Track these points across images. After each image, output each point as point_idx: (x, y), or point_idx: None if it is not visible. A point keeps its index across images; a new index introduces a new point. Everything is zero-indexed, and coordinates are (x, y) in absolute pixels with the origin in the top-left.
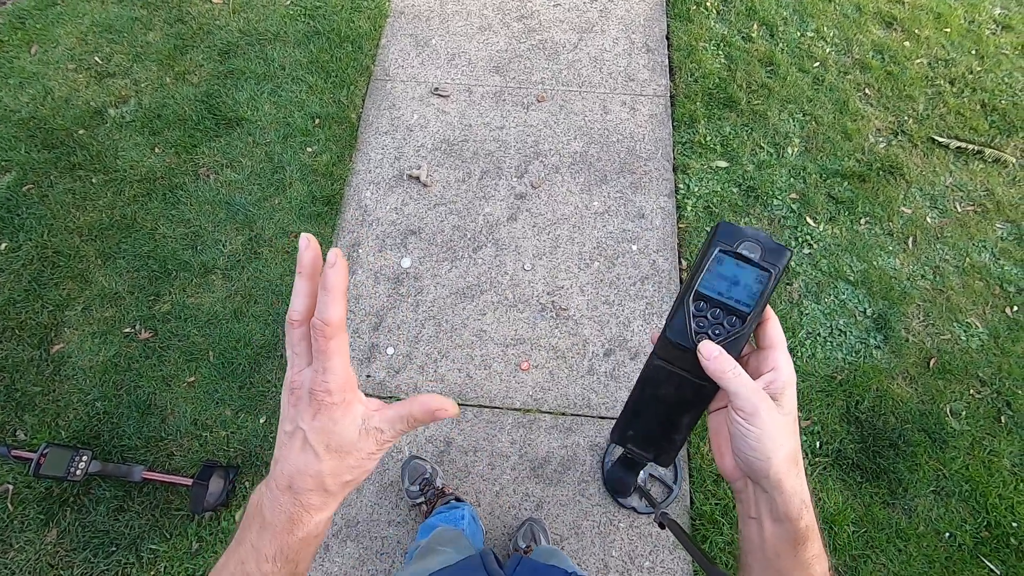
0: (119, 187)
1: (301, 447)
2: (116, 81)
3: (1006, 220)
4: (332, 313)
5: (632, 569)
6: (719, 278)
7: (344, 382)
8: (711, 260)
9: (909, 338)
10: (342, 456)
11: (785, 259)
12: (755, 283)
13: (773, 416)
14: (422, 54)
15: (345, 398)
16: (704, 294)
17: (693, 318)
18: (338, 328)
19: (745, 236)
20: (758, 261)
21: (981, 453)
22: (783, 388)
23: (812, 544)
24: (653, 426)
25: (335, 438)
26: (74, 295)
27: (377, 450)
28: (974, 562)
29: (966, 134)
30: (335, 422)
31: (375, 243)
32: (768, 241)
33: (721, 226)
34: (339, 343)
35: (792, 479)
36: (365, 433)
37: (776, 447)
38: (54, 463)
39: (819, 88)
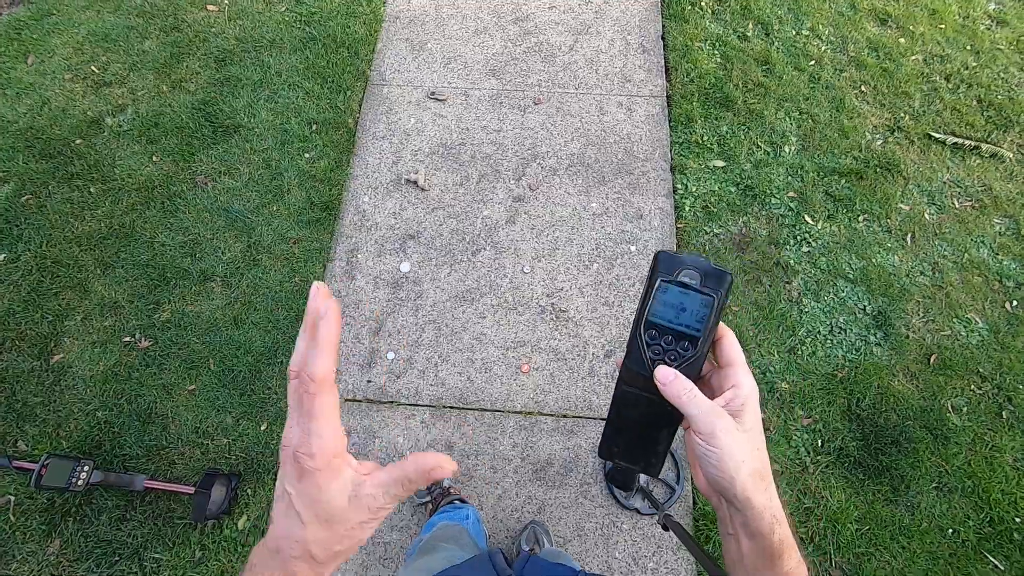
0: (117, 196)
1: (285, 511)
2: (113, 90)
3: (1004, 215)
4: (318, 366)
5: (636, 570)
6: (666, 306)
7: (331, 446)
8: (656, 290)
9: (909, 335)
10: (330, 526)
11: (726, 283)
12: (701, 307)
13: (732, 435)
14: (418, 58)
15: (331, 463)
16: (654, 323)
17: (648, 347)
18: (324, 384)
19: (684, 264)
20: (699, 287)
21: (983, 449)
22: (743, 404)
23: (788, 558)
24: (634, 443)
25: (321, 507)
26: (73, 305)
27: (369, 519)
28: (978, 558)
29: (963, 130)
30: (320, 489)
31: (374, 248)
32: (707, 266)
33: (660, 256)
34: (325, 402)
35: (760, 495)
36: (356, 501)
37: (738, 465)
38: (56, 474)
39: (815, 86)
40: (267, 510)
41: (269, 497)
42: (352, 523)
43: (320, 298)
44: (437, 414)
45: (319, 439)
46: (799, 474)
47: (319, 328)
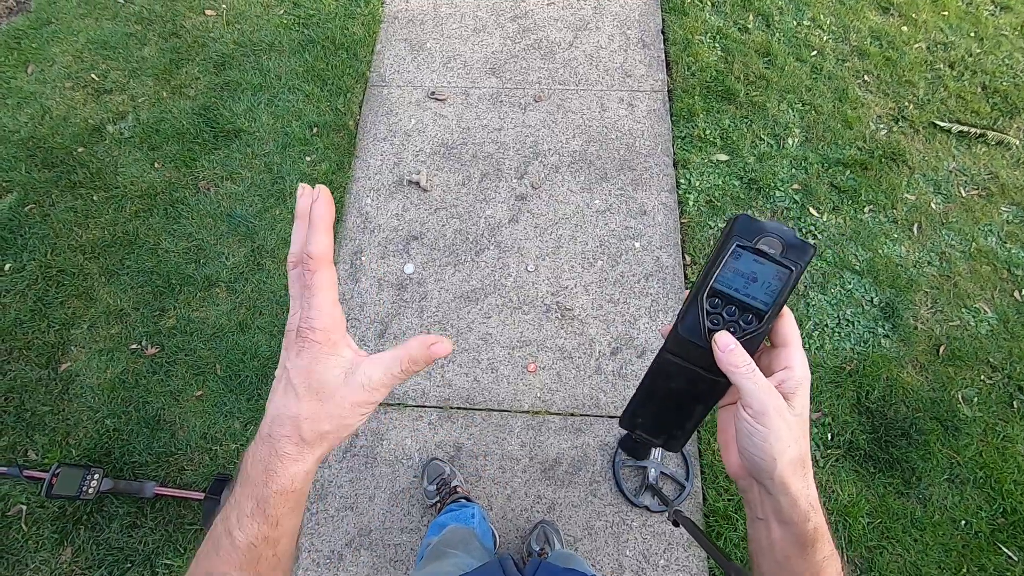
0: (120, 203)
1: (284, 389)
2: (113, 97)
3: (1011, 203)
4: (315, 245)
5: (647, 568)
6: (736, 274)
7: (329, 320)
8: (728, 255)
9: (918, 326)
10: (322, 400)
11: (808, 256)
12: (774, 280)
13: (783, 416)
14: (417, 58)
15: (330, 338)
16: (719, 290)
17: (707, 315)
18: (321, 261)
19: (765, 231)
20: (779, 258)
21: (995, 439)
22: (796, 388)
23: (822, 546)
24: (663, 414)
25: (315, 376)
26: (80, 313)
27: (363, 402)
28: (991, 549)
29: (968, 117)
30: (317, 360)
31: (377, 250)
32: (791, 236)
33: (740, 220)
34: (323, 277)
35: (798, 481)
36: (351, 378)
37: (783, 448)
38: (66, 483)
39: (817, 77)
40: None
41: None
42: (345, 401)
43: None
44: (444, 415)
45: (319, 312)
46: None
47: (313, 210)
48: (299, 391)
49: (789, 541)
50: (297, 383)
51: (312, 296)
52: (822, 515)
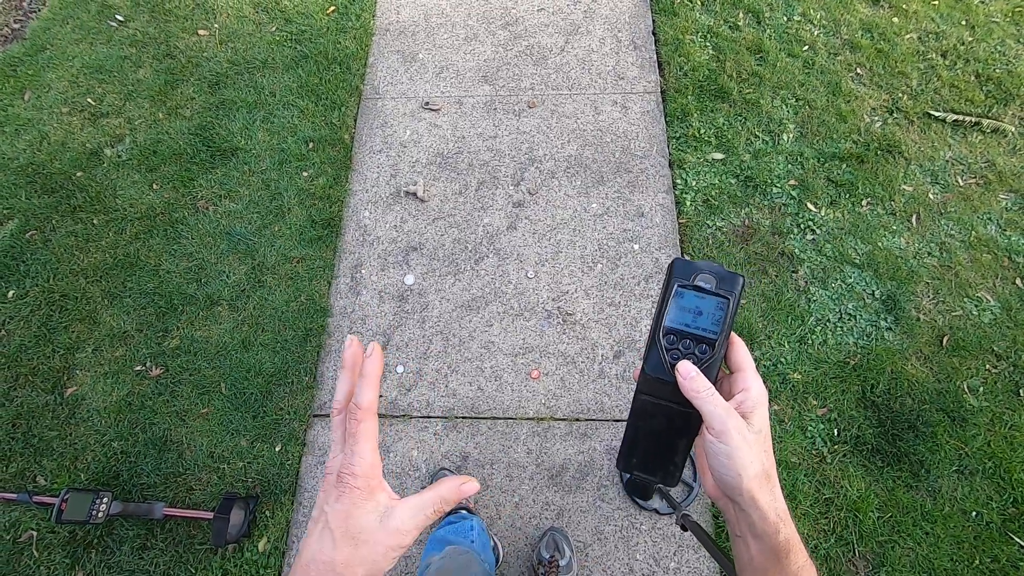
0: (120, 226)
1: (320, 533)
2: (110, 120)
3: (1010, 190)
4: (363, 397)
5: (658, 571)
6: (683, 311)
7: (370, 467)
8: (672, 295)
9: (920, 317)
10: (357, 545)
11: (739, 285)
12: (717, 310)
13: (743, 434)
14: (410, 69)
15: (370, 484)
16: (672, 328)
17: (666, 351)
18: (368, 412)
19: (699, 269)
20: (715, 290)
21: (1002, 429)
22: (753, 407)
23: (796, 556)
24: (652, 454)
25: (353, 523)
26: (84, 337)
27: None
28: (1003, 540)
29: (962, 106)
30: (356, 506)
31: (377, 262)
32: (721, 271)
33: (675, 263)
34: (368, 427)
35: (765, 495)
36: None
37: (747, 464)
38: (76, 508)
39: (810, 72)
40: (287, 531)
41: (288, 518)
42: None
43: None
44: (450, 425)
45: (361, 459)
46: (817, 465)
47: (365, 365)
48: (336, 536)
49: (764, 554)
50: (335, 527)
51: (355, 443)
52: (792, 526)
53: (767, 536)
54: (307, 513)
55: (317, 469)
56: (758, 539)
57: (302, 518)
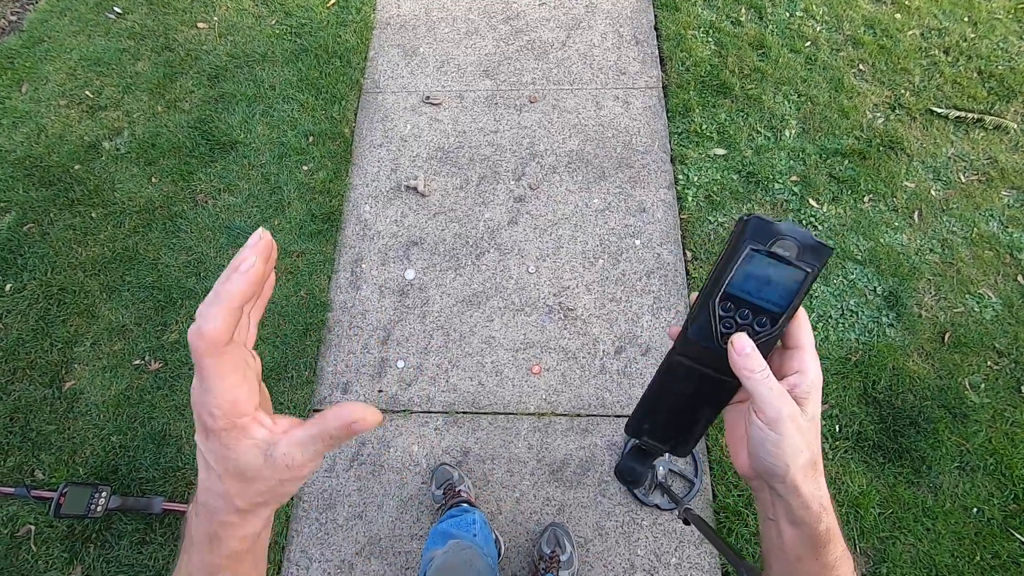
0: (119, 220)
1: (205, 468)
2: (108, 113)
3: (1012, 187)
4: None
5: (659, 567)
6: (750, 278)
7: (230, 404)
8: (742, 258)
9: (922, 314)
10: (246, 481)
11: (825, 257)
12: (789, 283)
13: (796, 422)
14: (411, 63)
15: (236, 423)
16: (732, 294)
17: (720, 320)
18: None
19: (780, 233)
20: (795, 260)
21: (1004, 425)
22: (809, 391)
23: (834, 547)
24: (671, 419)
25: (231, 464)
26: (82, 331)
27: (291, 477)
28: (1004, 536)
29: (965, 103)
30: (228, 447)
31: (377, 257)
32: (807, 237)
33: (751, 221)
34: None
35: (810, 484)
36: (271, 461)
37: (796, 454)
38: (74, 502)
39: (812, 68)
40: (287, 526)
41: (287, 512)
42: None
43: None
44: (450, 420)
45: (214, 398)
46: None
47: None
48: (219, 473)
49: (801, 542)
50: (215, 466)
51: (206, 379)
52: (834, 516)
53: (807, 525)
54: (306, 508)
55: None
56: (795, 526)
57: (301, 513)
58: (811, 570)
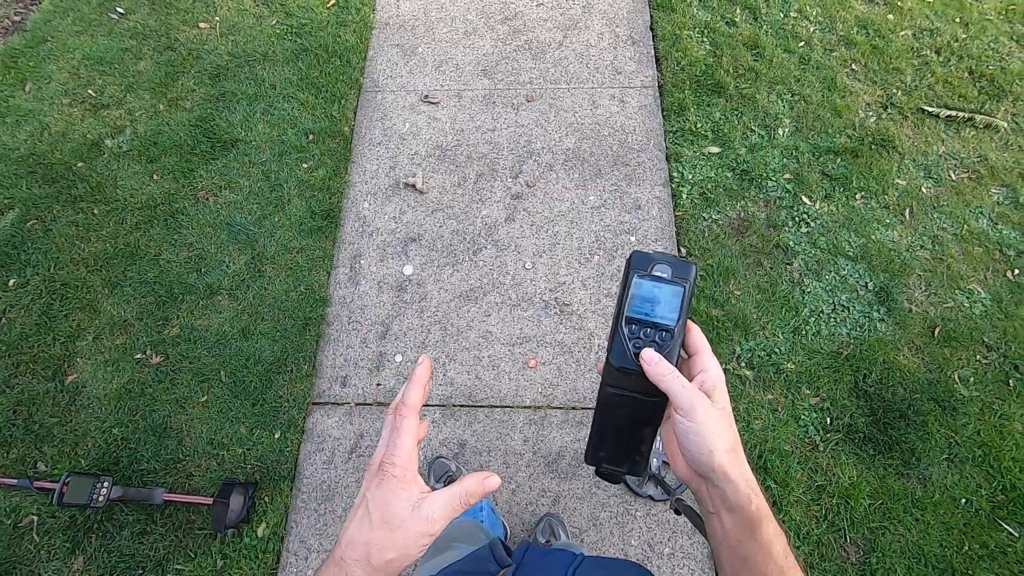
0: (121, 216)
1: (360, 516)
2: (111, 112)
3: (1001, 184)
4: (410, 395)
5: (653, 556)
6: (642, 301)
7: (408, 459)
8: (632, 286)
9: (912, 309)
10: (391, 529)
11: (693, 272)
12: (673, 298)
13: (709, 411)
14: (410, 63)
15: (406, 475)
16: (633, 317)
17: (629, 340)
18: (411, 410)
19: (655, 260)
20: (670, 279)
21: (992, 418)
22: (714, 385)
23: (767, 525)
24: (620, 444)
25: (389, 509)
26: (84, 325)
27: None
28: (992, 526)
29: (955, 102)
30: (393, 493)
31: (376, 253)
32: (675, 260)
33: (634, 256)
34: (409, 424)
35: (736, 468)
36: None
37: (716, 439)
38: (76, 491)
39: (806, 67)
40: (285, 517)
41: (286, 504)
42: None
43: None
44: (448, 413)
45: (401, 452)
46: (809, 453)
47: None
48: (373, 520)
49: (738, 526)
50: (373, 512)
51: (398, 436)
52: (762, 497)
53: (740, 508)
54: (305, 499)
55: (315, 456)
56: (732, 512)
57: (300, 504)
58: (750, 551)
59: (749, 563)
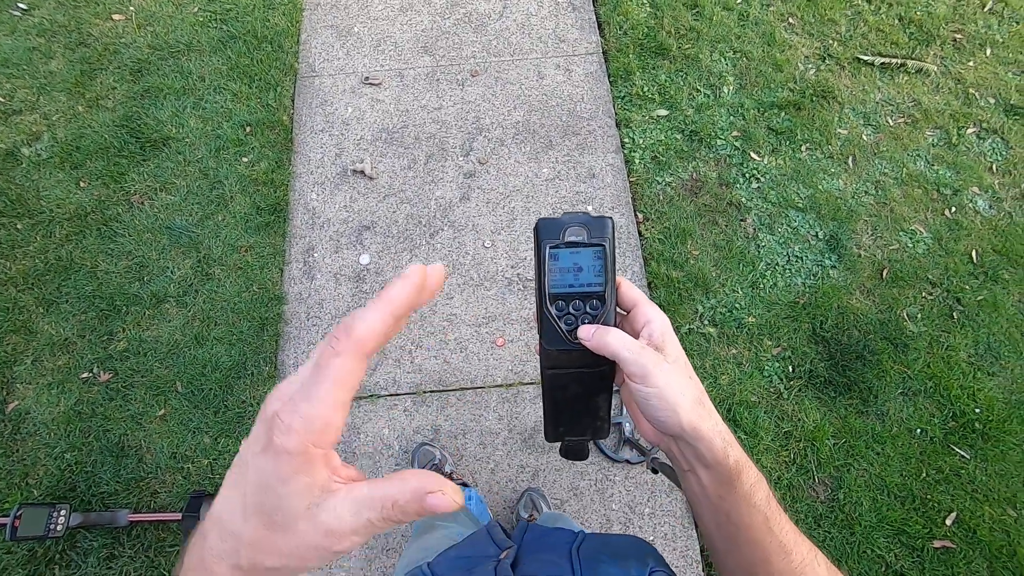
0: (48, 229)
1: (234, 486)
2: (24, 118)
3: (935, 127)
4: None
5: (634, 518)
6: (563, 272)
7: (320, 425)
8: (548, 260)
9: (861, 253)
10: (272, 529)
11: (609, 227)
12: (595, 260)
13: (663, 369)
14: (346, 44)
15: (309, 451)
16: (557, 294)
17: (560, 319)
18: (354, 345)
19: (565, 224)
20: (588, 241)
21: (939, 350)
22: (662, 336)
23: (747, 474)
24: (577, 416)
25: (271, 498)
26: (20, 349)
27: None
28: (946, 452)
29: (888, 49)
30: (280, 476)
31: (330, 244)
32: (587, 219)
33: (540, 224)
34: (343, 367)
35: (706, 422)
36: (315, 511)
37: (678, 397)
38: (31, 523)
39: (745, 24)
40: None
41: None
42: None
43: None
44: (419, 400)
45: (311, 407)
46: (775, 401)
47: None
48: (248, 504)
49: (717, 481)
50: (249, 493)
51: (316, 383)
52: (738, 446)
53: (718, 463)
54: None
55: None
56: (709, 469)
57: None
58: (732, 505)
59: (732, 516)
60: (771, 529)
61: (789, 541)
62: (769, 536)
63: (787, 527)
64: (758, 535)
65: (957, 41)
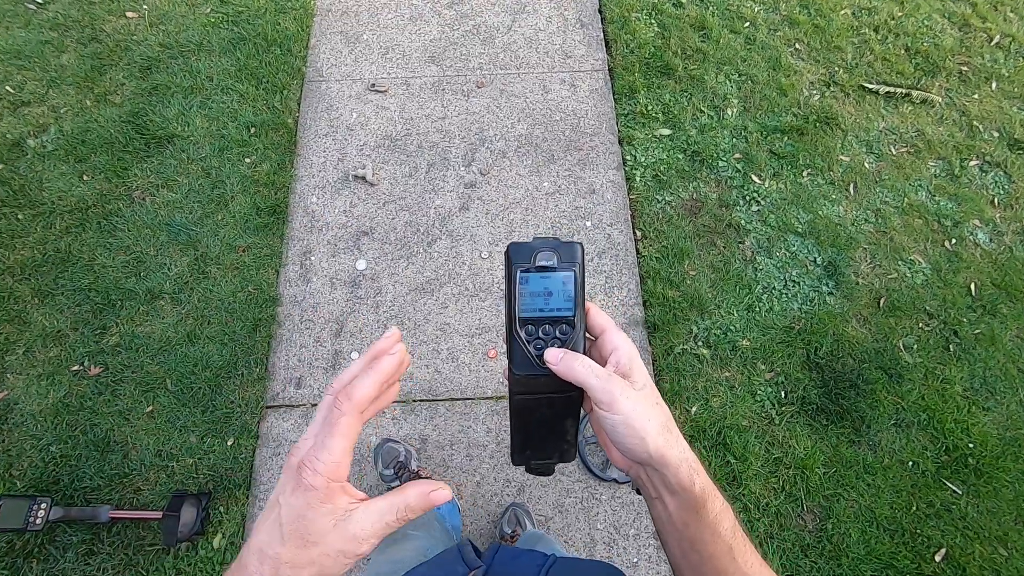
0: (49, 220)
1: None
2: (32, 109)
3: (938, 157)
4: (358, 388)
5: (618, 538)
6: (532, 296)
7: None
8: (517, 284)
9: (859, 281)
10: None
11: (579, 252)
12: (566, 285)
13: (630, 397)
14: (354, 51)
15: (330, 486)
16: (527, 318)
17: (529, 344)
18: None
19: (536, 248)
20: (559, 265)
21: (935, 382)
22: (629, 363)
23: (712, 503)
24: (544, 440)
25: (304, 524)
26: (13, 338)
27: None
28: (937, 486)
29: (894, 78)
30: (310, 507)
31: (327, 248)
32: (557, 244)
33: (511, 248)
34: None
35: (672, 449)
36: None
37: (645, 423)
38: (10, 515)
39: (751, 47)
40: (243, 526)
41: (243, 512)
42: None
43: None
44: (408, 408)
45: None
46: (766, 427)
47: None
48: (285, 532)
49: (683, 508)
50: (285, 523)
51: (329, 436)
52: (704, 473)
53: (684, 490)
54: (263, 506)
55: (272, 461)
56: (676, 495)
57: (257, 511)
58: (697, 532)
59: (697, 544)
60: (735, 559)
61: (753, 573)
62: (732, 566)
63: (752, 559)
64: (722, 564)
65: (963, 73)
